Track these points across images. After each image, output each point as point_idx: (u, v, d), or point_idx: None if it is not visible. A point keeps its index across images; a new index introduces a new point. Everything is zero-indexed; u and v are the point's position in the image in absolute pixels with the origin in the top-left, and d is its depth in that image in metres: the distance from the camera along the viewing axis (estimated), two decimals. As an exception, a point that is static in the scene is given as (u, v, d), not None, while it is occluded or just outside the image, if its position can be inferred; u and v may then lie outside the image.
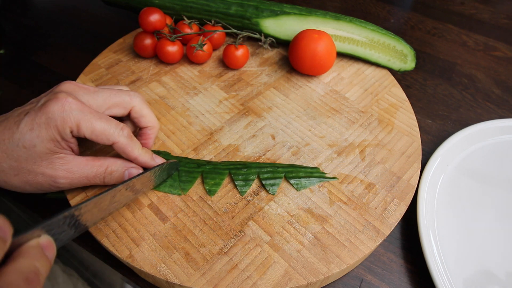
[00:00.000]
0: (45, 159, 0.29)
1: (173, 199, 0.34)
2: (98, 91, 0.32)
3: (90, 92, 0.32)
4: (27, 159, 0.29)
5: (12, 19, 0.61)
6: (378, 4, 0.68)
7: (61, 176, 0.30)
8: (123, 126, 0.31)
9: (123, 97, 0.33)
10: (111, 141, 0.30)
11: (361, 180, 0.36)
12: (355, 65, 0.48)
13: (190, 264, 0.30)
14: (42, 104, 0.29)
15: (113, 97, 0.33)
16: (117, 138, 0.30)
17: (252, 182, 0.35)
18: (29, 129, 0.28)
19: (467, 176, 0.41)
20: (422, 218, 0.35)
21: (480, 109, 0.50)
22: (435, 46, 0.59)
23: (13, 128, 0.29)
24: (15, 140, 0.28)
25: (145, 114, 0.34)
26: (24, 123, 0.28)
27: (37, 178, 0.30)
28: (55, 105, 0.28)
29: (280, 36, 0.48)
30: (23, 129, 0.28)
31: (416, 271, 0.35)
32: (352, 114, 0.42)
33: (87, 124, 0.29)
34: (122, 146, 0.31)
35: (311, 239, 0.32)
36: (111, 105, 0.33)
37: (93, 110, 0.30)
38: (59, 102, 0.28)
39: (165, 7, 0.48)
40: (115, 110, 0.33)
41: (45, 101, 0.29)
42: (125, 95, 0.33)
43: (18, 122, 0.29)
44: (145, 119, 0.34)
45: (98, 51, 0.49)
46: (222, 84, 0.45)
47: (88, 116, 0.29)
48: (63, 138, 0.29)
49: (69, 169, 0.30)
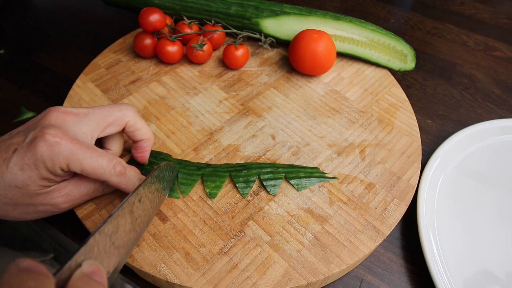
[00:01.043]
0: (41, 193, 0.29)
1: (173, 199, 0.34)
2: (88, 114, 0.31)
3: (80, 117, 0.30)
4: (23, 196, 0.28)
5: (12, 19, 0.61)
6: (378, 4, 0.68)
7: (61, 202, 0.30)
8: (115, 163, 0.29)
9: (116, 114, 0.32)
10: (102, 180, 0.30)
11: (361, 180, 0.36)
12: (355, 65, 0.48)
13: (190, 264, 0.30)
14: (30, 142, 0.27)
15: (105, 117, 0.31)
16: (108, 178, 0.29)
17: (253, 183, 0.35)
18: (19, 169, 0.27)
19: (467, 176, 0.41)
20: (422, 218, 0.35)
21: (480, 109, 0.50)
22: (435, 46, 0.59)
23: (2, 167, 0.27)
24: (7, 181, 0.27)
25: (140, 127, 0.33)
26: (14, 163, 0.27)
27: (38, 208, 0.30)
28: (43, 146, 0.27)
29: (280, 36, 0.48)
30: (13, 169, 0.27)
31: (416, 271, 0.35)
32: (352, 114, 0.42)
33: (76, 164, 0.28)
34: (113, 185, 0.30)
35: (311, 239, 0.32)
36: (104, 126, 0.32)
37: (84, 146, 0.28)
38: (47, 143, 0.27)
39: (165, 7, 0.48)
40: (110, 129, 0.32)
41: (33, 138, 0.27)
42: (117, 111, 0.32)
43: (7, 160, 0.27)
44: (140, 132, 0.34)
45: (98, 51, 0.49)
46: (222, 84, 0.45)
47: (78, 155, 0.28)
48: (55, 175, 0.28)
49: (67, 194, 0.30)
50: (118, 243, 0.24)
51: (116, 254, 0.24)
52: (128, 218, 0.26)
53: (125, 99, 0.42)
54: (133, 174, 0.31)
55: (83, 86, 0.44)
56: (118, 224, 0.24)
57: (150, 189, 0.30)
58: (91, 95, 0.43)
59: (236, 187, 0.35)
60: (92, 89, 0.44)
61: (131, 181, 0.31)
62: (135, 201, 0.27)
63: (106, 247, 0.23)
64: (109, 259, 0.23)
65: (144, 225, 0.29)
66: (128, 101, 0.42)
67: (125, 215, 0.25)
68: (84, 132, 0.30)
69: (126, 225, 0.25)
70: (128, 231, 0.26)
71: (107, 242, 0.23)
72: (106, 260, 0.23)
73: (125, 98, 0.43)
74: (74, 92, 0.43)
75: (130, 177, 0.31)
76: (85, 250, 0.21)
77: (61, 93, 0.48)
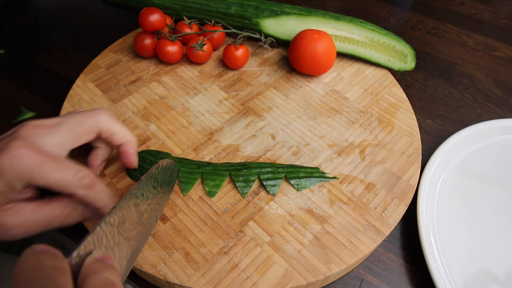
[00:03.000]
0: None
1: (173, 199, 0.34)
2: (59, 125, 0.29)
3: (50, 128, 0.29)
4: None
5: (12, 19, 0.61)
6: (378, 4, 0.68)
7: (13, 227, 0.27)
8: (82, 175, 0.27)
9: (87, 122, 0.30)
10: (68, 193, 0.27)
11: (361, 180, 0.36)
12: (355, 65, 0.48)
13: (190, 264, 0.30)
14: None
15: (76, 127, 0.30)
16: (74, 190, 0.27)
17: (252, 183, 0.35)
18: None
19: (467, 176, 0.41)
20: (422, 218, 0.35)
21: (480, 109, 0.50)
22: (435, 46, 0.59)
23: None
24: None
25: (116, 131, 0.31)
26: None
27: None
28: (5, 157, 0.26)
29: (280, 36, 0.48)
30: None
31: (416, 271, 0.35)
32: (352, 114, 0.42)
33: (40, 176, 0.26)
34: (80, 198, 0.28)
35: (311, 239, 0.32)
36: (76, 136, 0.30)
37: (49, 158, 0.27)
38: (9, 154, 0.26)
39: (165, 7, 0.48)
40: (84, 138, 0.30)
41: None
42: (88, 118, 0.30)
43: None
44: (117, 136, 0.32)
45: (98, 51, 0.49)
46: (222, 84, 0.45)
47: (42, 167, 0.26)
48: (13, 191, 0.26)
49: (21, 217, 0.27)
50: (127, 235, 0.24)
51: (127, 246, 0.24)
52: (134, 211, 0.26)
53: (125, 99, 0.42)
54: (103, 188, 0.29)
55: (83, 86, 0.44)
56: (124, 216, 0.24)
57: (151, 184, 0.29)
58: (91, 95, 0.43)
59: (236, 187, 0.35)
60: (92, 89, 0.44)
61: (100, 195, 0.28)
62: (138, 194, 0.27)
63: (115, 238, 0.23)
64: (121, 250, 0.23)
65: (152, 221, 0.29)
66: (128, 101, 0.42)
67: (130, 207, 0.25)
68: (54, 144, 0.29)
69: (133, 217, 0.25)
70: (136, 224, 0.26)
71: (115, 233, 0.23)
72: (118, 251, 0.23)
73: (125, 98, 0.43)
74: (74, 92, 0.43)
75: (99, 191, 0.28)
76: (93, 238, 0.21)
77: (61, 93, 0.48)
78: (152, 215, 0.29)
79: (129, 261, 0.24)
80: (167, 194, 0.32)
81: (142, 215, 0.27)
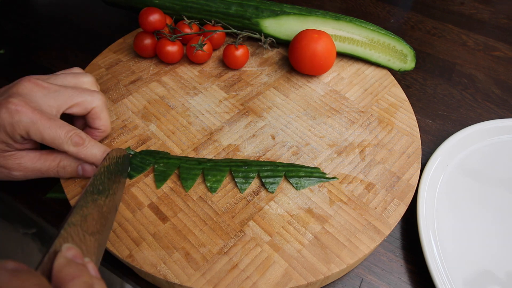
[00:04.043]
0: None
1: (173, 199, 0.34)
2: (59, 91, 0.32)
3: (50, 91, 0.32)
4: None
5: (12, 19, 0.61)
6: (378, 4, 0.68)
7: (15, 169, 0.32)
8: (72, 134, 0.31)
9: (85, 97, 0.33)
10: (61, 149, 0.31)
11: (361, 180, 0.36)
12: (355, 65, 0.48)
13: (190, 264, 0.30)
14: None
15: (75, 97, 0.33)
16: (67, 148, 0.31)
17: (252, 179, 0.35)
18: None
19: (467, 176, 0.41)
20: (422, 218, 0.35)
21: (480, 109, 0.50)
22: (435, 46, 0.59)
23: None
24: None
25: (102, 118, 0.35)
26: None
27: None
28: (5, 113, 0.29)
29: (280, 36, 0.48)
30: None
31: (416, 271, 0.35)
32: (352, 114, 0.42)
33: (36, 132, 0.30)
34: (73, 154, 0.32)
35: (311, 239, 0.32)
36: (72, 105, 0.33)
37: (44, 117, 0.30)
38: (8, 110, 0.29)
39: (165, 7, 0.48)
40: (75, 109, 0.33)
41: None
42: (88, 95, 0.34)
43: None
44: (100, 122, 0.35)
45: (98, 51, 0.49)
46: (222, 84, 0.45)
47: (37, 124, 0.30)
48: (14, 141, 0.30)
49: (22, 164, 0.32)
50: (91, 231, 0.26)
51: (93, 240, 0.25)
52: (93, 206, 0.27)
53: (125, 99, 0.42)
54: (93, 144, 0.32)
55: (83, 86, 0.44)
56: (84, 214, 0.25)
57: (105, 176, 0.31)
58: (91, 95, 0.43)
59: (236, 185, 0.35)
60: (92, 89, 0.44)
61: (90, 151, 0.32)
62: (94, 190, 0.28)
63: (80, 236, 0.24)
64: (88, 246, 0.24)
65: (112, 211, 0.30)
66: (128, 101, 0.42)
67: (89, 204, 0.26)
68: (50, 105, 0.32)
69: (93, 213, 0.27)
70: (97, 218, 0.27)
71: (79, 232, 0.24)
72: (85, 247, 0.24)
73: (125, 98, 0.43)
74: (74, 92, 0.43)
75: (89, 147, 0.32)
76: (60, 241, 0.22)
77: (61, 93, 0.48)
78: (111, 206, 0.30)
79: (97, 254, 0.26)
80: (122, 182, 0.34)
81: (102, 208, 0.28)
